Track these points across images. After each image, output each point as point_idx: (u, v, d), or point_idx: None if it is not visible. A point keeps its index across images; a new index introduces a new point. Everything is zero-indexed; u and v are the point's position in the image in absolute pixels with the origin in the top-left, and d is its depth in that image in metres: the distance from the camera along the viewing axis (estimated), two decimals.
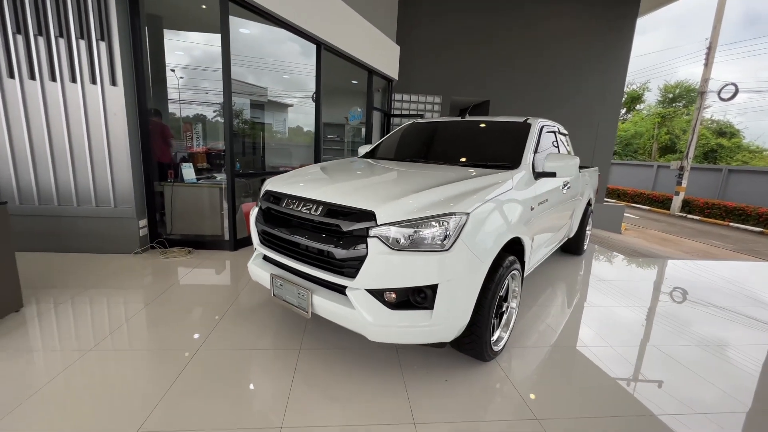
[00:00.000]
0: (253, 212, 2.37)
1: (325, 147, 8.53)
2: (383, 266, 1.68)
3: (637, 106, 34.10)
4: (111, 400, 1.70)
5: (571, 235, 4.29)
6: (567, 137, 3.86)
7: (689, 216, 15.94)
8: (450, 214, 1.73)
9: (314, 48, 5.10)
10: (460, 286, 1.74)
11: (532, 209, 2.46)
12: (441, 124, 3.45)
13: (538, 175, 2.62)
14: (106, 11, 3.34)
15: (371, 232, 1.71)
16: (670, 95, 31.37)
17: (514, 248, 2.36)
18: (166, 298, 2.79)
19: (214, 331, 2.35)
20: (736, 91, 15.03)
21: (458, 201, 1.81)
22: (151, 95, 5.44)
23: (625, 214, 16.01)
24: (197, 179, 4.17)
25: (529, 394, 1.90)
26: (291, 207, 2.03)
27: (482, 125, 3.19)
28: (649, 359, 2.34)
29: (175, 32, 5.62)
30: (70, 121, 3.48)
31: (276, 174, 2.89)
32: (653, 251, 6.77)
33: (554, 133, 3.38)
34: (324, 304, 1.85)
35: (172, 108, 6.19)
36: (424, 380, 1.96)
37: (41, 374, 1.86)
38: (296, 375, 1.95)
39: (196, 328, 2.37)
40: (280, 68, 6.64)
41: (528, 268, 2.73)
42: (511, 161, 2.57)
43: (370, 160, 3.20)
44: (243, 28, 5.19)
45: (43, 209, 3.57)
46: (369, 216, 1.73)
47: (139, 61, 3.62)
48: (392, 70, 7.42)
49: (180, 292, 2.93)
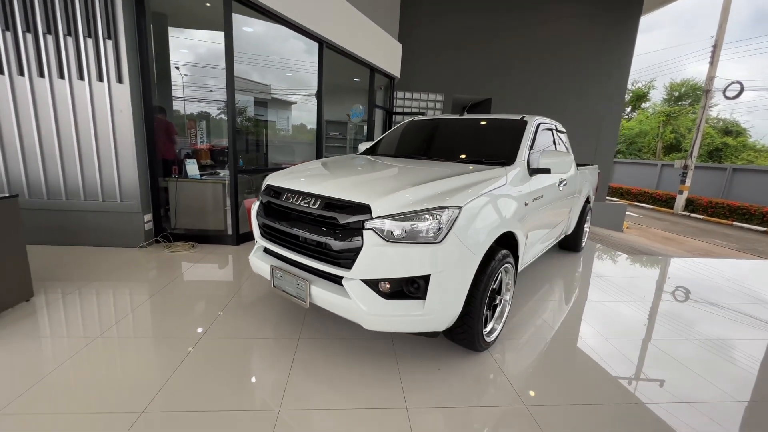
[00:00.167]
0: (255, 206, 2.45)
1: (327, 144, 8.61)
2: (378, 257, 1.75)
3: (643, 105, 33.86)
4: (117, 384, 1.78)
5: (569, 232, 4.34)
6: (565, 135, 3.90)
7: (692, 215, 15.87)
8: (443, 208, 1.79)
9: (317, 45, 5.16)
10: (451, 278, 1.80)
11: (527, 205, 2.52)
12: (439, 122, 3.50)
13: (533, 171, 2.68)
14: (113, 10, 3.42)
15: (366, 225, 1.77)
16: (676, 93, 31.17)
17: (508, 242, 2.43)
18: (169, 290, 2.88)
19: (216, 321, 2.43)
20: (742, 90, 14.92)
21: (451, 195, 1.87)
22: (157, 93, 5.54)
23: (628, 213, 15.97)
24: (200, 175, 4.26)
25: (519, 382, 1.96)
26: (290, 201, 2.10)
27: (480, 123, 3.24)
28: (639, 352, 2.39)
29: (180, 30, 5.69)
30: (78, 118, 3.57)
31: (278, 170, 2.96)
32: (654, 249, 6.78)
33: (551, 130, 3.42)
34: (321, 294, 1.92)
35: (176, 105, 6.27)
36: (418, 368, 2.03)
37: (50, 359, 1.94)
38: (295, 362, 2.02)
39: (199, 319, 2.45)
40: (284, 66, 6.71)
41: (523, 263, 2.79)
42: (506, 158, 2.63)
43: (369, 156, 3.27)
44: (247, 27, 5.27)
45: (52, 203, 3.67)
46: (365, 209, 1.80)
47: (144, 59, 3.71)
48: (394, 68, 7.46)
49: (183, 285, 3.01)
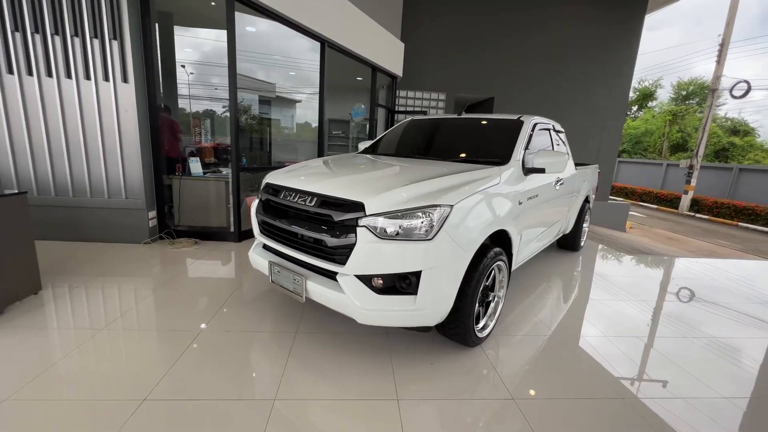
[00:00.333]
0: (254, 204, 2.51)
1: (330, 143, 8.67)
2: (371, 254, 1.80)
3: (650, 104, 33.56)
4: (120, 373, 1.86)
5: (567, 231, 4.37)
6: (563, 134, 3.92)
7: (697, 215, 15.76)
8: (434, 206, 1.84)
9: (319, 45, 5.21)
10: (442, 274, 1.85)
11: (521, 204, 2.56)
12: (438, 121, 3.55)
13: (528, 171, 2.72)
14: (119, 11, 3.50)
15: (360, 222, 1.83)
16: (684, 92, 30.84)
17: (502, 241, 2.47)
18: (172, 285, 2.95)
19: (216, 315, 2.50)
20: (749, 89, 14.77)
21: (443, 194, 1.92)
22: (162, 91, 5.62)
23: (632, 213, 15.90)
24: (204, 173, 4.34)
25: (509, 377, 2.01)
26: (288, 198, 2.16)
27: (477, 122, 3.28)
28: (631, 349, 2.43)
29: (186, 29, 5.76)
30: (85, 117, 3.66)
31: (278, 168, 3.02)
32: (655, 249, 6.77)
33: (548, 130, 3.45)
34: (317, 289, 1.98)
35: (182, 104, 6.35)
36: (411, 363, 2.08)
37: (57, 349, 2.03)
38: (291, 355, 2.09)
39: (200, 313, 2.53)
40: (288, 64, 6.77)
41: (517, 261, 2.83)
42: (501, 157, 2.67)
43: (368, 155, 3.32)
44: (251, 26, 5.34)
45: (59, 200, 3.77)
46: (359, 207, 1.86)
47: (149, 59, 3.78)
48: (396, 67, 7.50)
49: (186, 280, 3.09)
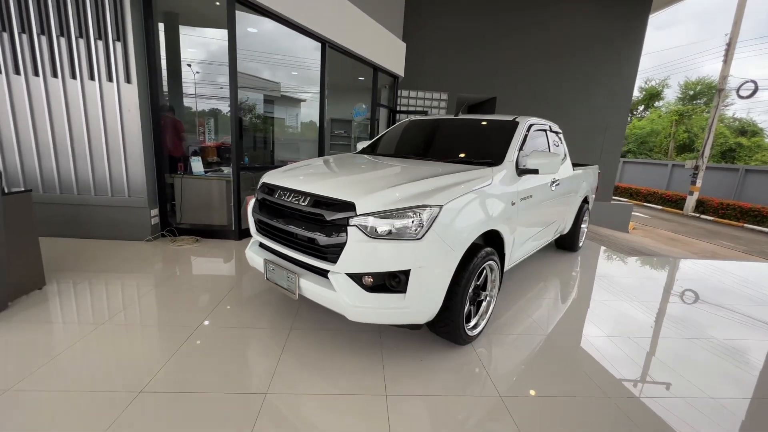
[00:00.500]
0: (251, 203, 2.57)
1: (332, 142, 8.73)
2: (361, 252, 1.85)
3: (656, 103, 33.26)
4: (119, 366, 1.92)
5: (566, 232, 4.38)
6: (561, 135, 3.94)
7: (702, 216, 15.62)
8: (424, 206, 1.88)
9: (320, 45, 5.26)
10: (431, 273, 1.89)
11: (513, 204, 2.59)
12: (434, 122, 3.58)
13: (521, 171, 2.75)
14: (122, 13, 3.57)
15: (351, 222, 1.87)
16: (691, 92, 30.53)
17: (494, 240, 2.50)
18: (172, 282, 3.02)
19: (214, 311, 2.57)
20: (756, 89, 14.60)
21: (433, 194, 1.96)
22: (167, 90, 5.70)
23: (637, 214, 15.80)
24: (205, 172, 4.41)
25: (498, 375, 2.05)
26: (282, 198, 2.21)
27: (473, 123, 3.31)
28: (621, 347, 2.45)
29: (192, 29, 5.83)
30: (89, 117, 3.74)
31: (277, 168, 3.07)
32: (656, 250, 6.75)
33: (545, 131, 3.47)
34: (309, 287, 2.03)
35: (188, 103, 6.43)
36: (402, 359, 2.13)
37: (59, 343, 2.09)
38: (285, 351, 2.14)
39: (198, 309, 2.59)
40: (294, 64, 6.81)
41: (511, 261, 2.86)
42: (495, 158, 2.70)
43: (364, 155, 3.37)
44: (257, 26, 5.39)
45: (64, 198, 3.86)
46: (350, 206, 1.90)
47: (152, 60, 3.86)
48: (398, 67, 7.53)
49: (185, 277, 3.16)
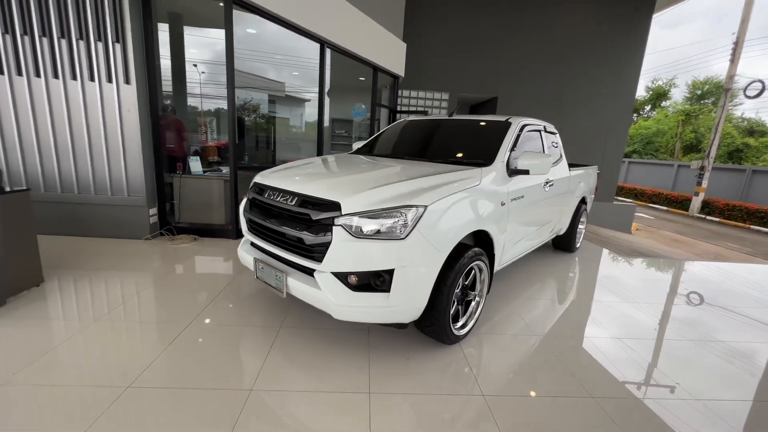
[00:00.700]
0: (243, 202, 2.61)
1: (333, 142, 8.77)
2: (346, 251, 1.87)
3: (663, 103, 32.92)
4: (109, 362, 1.97)
5: (562, 233, 4.37)
6: (556, 136, 3.93)
7: (708, 217, 15.44)
8: (408, 206, 1.90)
9: (318, 46, 5.28)
10: (415, 272, 1.91)
11: (503, 205, 2.60)
12: (428, 123, 3.59)
13: (512, 172, 2.75)
14: (121, 15, 3.62)
15: (336, 221, 1.90)
16: (699, 92, 30.18)
17: (484, 241, 2.51)
18: (168, 280, 3.07)
19: (206, 309, 2.61)
20: (763, 89, 14.39)
21: (418, 194, 1.98)
22: (171, 91, 5.76)
23: (641, 215, 15.66)
24: (204, 171, 4.46)
25: (483, 374, 2.06)
26: (271, 197, 2.24)
27: (466, 124, 3.32)
28: (611, 348, 2.45)
29: (197, 29, 5.87)
30: (89, 117, 3.80)
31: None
32: (657, 252, 6.70)
33: (539, 131, 3.47)
34: (297, 286, 2.06)
35: (193, 102, 6.49)
36: (388, 358, 2.15)
37: (52, 338, 2.15)
38: (273, 348, 2.17)
39: (192, 307, 2.63)
40: (300, 64, 6.83)
41: (502, 262, 2.87)
42: (486, 158, 2.71)
43: (358, 155, 3.39)
44: (256, 27, 5.43)
45: (65, 197, 3.92)
46: (335, 206, 1.93)
47: (151, 61, 3.91)
48: (398, 67, 7.54)
49: (181, 275, 3.21)
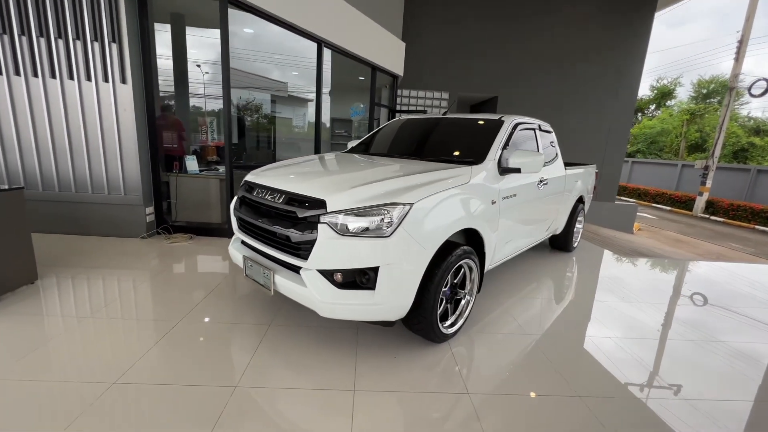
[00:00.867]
0: (233, 201, 2.61)
1: (333, 142, 8.78)
2: (331, 249, 1.87)
3: (668, 102, 32.66)
4: (97, 358, 1.98)
5: (558, 232, 4.35)
6: (552, 135, 3.91)
7: (712, 217, 15.30)
8: (394, 204, 1.90)
9: (315, 45, 5.29)
10: (400, 270, 1.90)
11: (494, 203, 2.59)
12: (423, 121, 3.59)
13: (504, 170, 2.74)
14: (117, 15, 3.65)
15: (322, 219, 1.90)
16: (704, 91, 29.91)
17: (475, 239, 2.51)
18: (162, 278, 3.09)
19: (197, 307, 2.62)
20: None
21: (404, 192, 1.97)
22: (174, 90, 5.79)
23: (644, 215, 15.55)
24: (200, 171, 4.48)
25: (469, 373, 2.05)
26: (260, 195, 2.25)
27: (459, 122, 3.31)
28: (595, 348, 2.43)
29: (200, 30, 5.90)
30: (86, 116, 3.83)
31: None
32: (657, 252, 6.64)
33: (533, 130, 3.45)
34: (284, 283, 2.06)
35: (197, 102, 6.53)
36: (375, 356, 2.15)
37: (43, 334, 2.17)
38: (261, 346, 2.18)
39: (183, 304, 2.64)
40: (298, 64, 6.85)
41: (494, 261, 2.86)
42: (477, 157, 2.70)
43: (352, 154, 3.39)
44: (258, 28, 5.44)
45: (63, 195, 3.96)
46: (321, 204, 1.93)
47: (147, 60, 3.94)
48: (397, 67, 7.53)
49: (175, 273, 3.23)
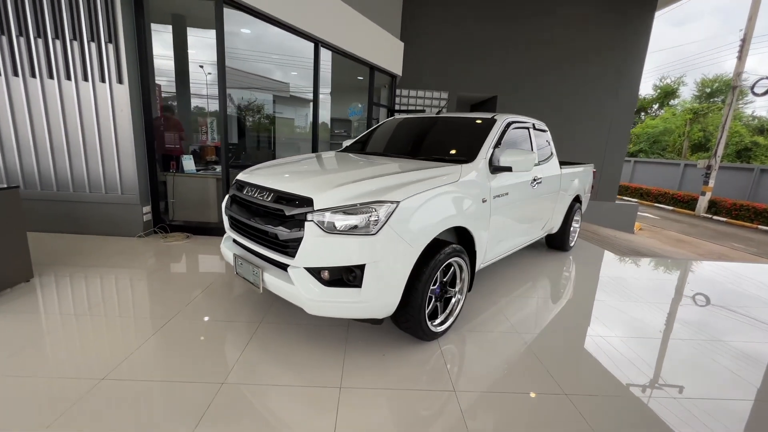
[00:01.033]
0: (225, 199, 2.63)
1: (332, 141, 8.80)
2: (317, 247, 1.88)
3: (671, 101, 32.48)
4: (88, 355, 2.01)
5: (554, 231, 4.34)
6: (547, 134, 3.90)
7: (714, 217, 15.20)
8: (380, 202, 1.91)
9: (312, 46, 5.31)
10: (387, 268, 1.91)
11: (485, 201, 2.59)
12: (417, 120, 3.60)
13: (495, 169, 2.74)
14: (113, 16, 3.68)
15: (308, 217, 1.91)
16: (708, 90, 29.71)
17: (466, 238, 2.51)
18: (156, 276, 3.11)
19: (190, 304, 2.64)
20: None
21: (391, 191, 1.98)
22: (175, 91, 5.81)
23: (646, 214, 15.48)
24: (197, 170, 4.51)
25: (457, 371, 2.05)
26: (249, 194, 2.26)
27: (452, 121, 3.31)
28: (586, 347, 2.43)
29: (201, 30, 5.92)
30: (83, 116, 3.87)
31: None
32: (657, 251, 6.61)
33: (527, 129, 3.44)
34: (272, 281, 2.07)
35: (200, 103, 6.57)
36: (363, 354, 2.16)
37: (37, 330, 2.20)
38: (250, 343, 2.19)
39: (176, 302, 2.66)
40: (300, 65, 6.86)
41: (486, 259, 2.86)
42: (468, 155, 2.70)
43: (348, 153, 3.40)
44: (249, 28, 5.47)
45: (61, 195, 4.00)
46: (308, 202, 1.94)
47: (144, 61, 3.96)
48: (395, 67, 7.54)
49: (170, 272, 3.25)
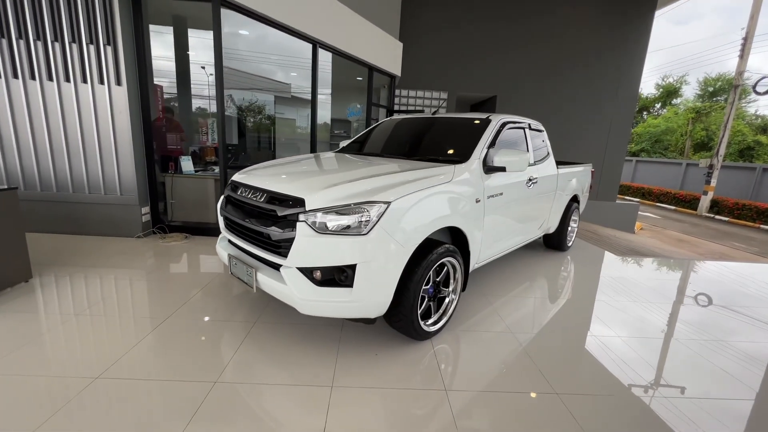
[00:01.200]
0: (220, 200, 2.65)
1: (332, 142, 8.83)
2: (309, 247, 1.90)
3: (674, 101, 32.34)
4: (84, 354, 2.03)
5: (551, 231, 4.34)
6: (543, 134, 3.90)
7: (717, 217, 15.12)
8: (371, 203, 1.92)
9: (310, 47, 5.33)
10: (378, 268, 1.92)
11: (478, 202, 2.60)
12: (413, 121, 3.61)
13: (489, 169, 2.75)
14: (112, 18, 3.71)
15: (300, 217, 1.93)
16: (711, 89, 29.58)
17: (460, 238, 2.52)
18: (154, 276, 3.14)
19: (186, 304, 2.66)
20: None
21: (382, 191, 1.99)
22: (175, 92, 5.84)
23: (648, 214, 15.42)
24: (196, 171, 4.53)
25: (449, 370, 2.07)
26: (243, 195, 2.29)
27: (447, 121, 3.33)
28: (578, 346, 2.43)
29: (203, 31, 5.94)
30: (82, 118, 3.90)
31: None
32: (657, 251, 6.59)
33: (522, 129, 3.45)
34: (265, 281, 2.09)
35: (203, 104, 6.60)
36: (356, 353, 2.17)
37: (35, 329, 2.22)
38: (244, 342, 2.21)
39: (173, 302, 2.68)
40: (296, 65, 6.87)
41: (481, 259, 2.87)
42: (462, 156, 2.72)
43: (344, 154, 3.42)
44: (248, 30, 5.48)
45: (60, 195, 4.03)
46: (300, 202, 1.96)
47: (142, 62, 3.99)
48: (394, 67, 7.54)
49: (168, 272, 3.28)
